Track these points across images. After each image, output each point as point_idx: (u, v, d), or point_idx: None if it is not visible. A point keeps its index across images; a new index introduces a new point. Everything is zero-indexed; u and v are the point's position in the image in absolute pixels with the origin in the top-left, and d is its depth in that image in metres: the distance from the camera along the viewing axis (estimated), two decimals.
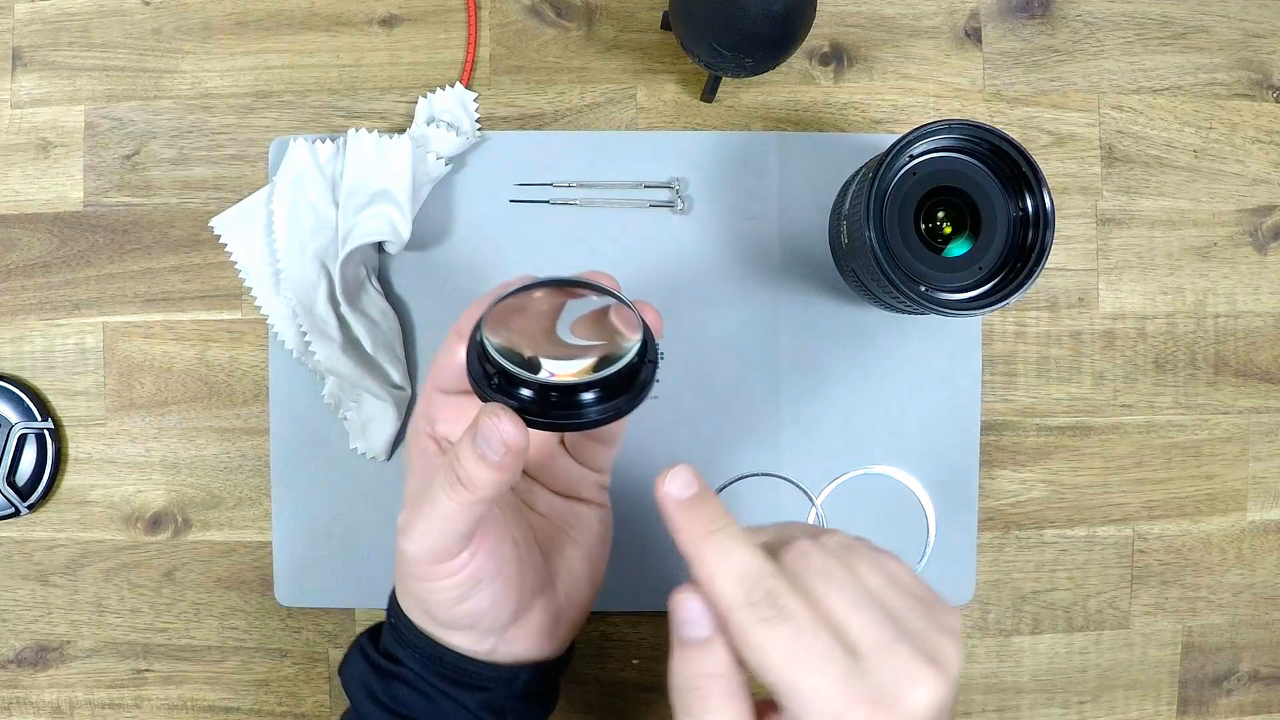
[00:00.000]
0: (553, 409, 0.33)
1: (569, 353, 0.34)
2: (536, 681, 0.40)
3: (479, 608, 0.36)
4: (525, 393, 0.32)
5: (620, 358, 0.33)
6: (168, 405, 0.54)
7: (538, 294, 0.35)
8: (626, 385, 0.34)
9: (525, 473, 0.41)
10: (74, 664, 0.55)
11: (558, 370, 0.33)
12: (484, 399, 0.33)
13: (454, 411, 0.38)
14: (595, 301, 0.36)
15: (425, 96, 0.53)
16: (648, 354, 0.34)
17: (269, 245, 0.52)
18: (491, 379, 0.33)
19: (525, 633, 0.39)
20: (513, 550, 0.37)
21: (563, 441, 0.42)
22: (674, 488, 0.32)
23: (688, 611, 0.31)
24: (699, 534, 0.31)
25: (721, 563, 0.30)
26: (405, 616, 0.38)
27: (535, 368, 0.33)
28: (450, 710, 0.38)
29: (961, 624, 0.32)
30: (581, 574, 0.41)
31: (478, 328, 0.33)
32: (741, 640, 0.29)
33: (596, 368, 0.33)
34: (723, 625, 0.30)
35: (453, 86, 0.53)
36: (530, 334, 0.34)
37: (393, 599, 0.40)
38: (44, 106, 0.55)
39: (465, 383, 0.35)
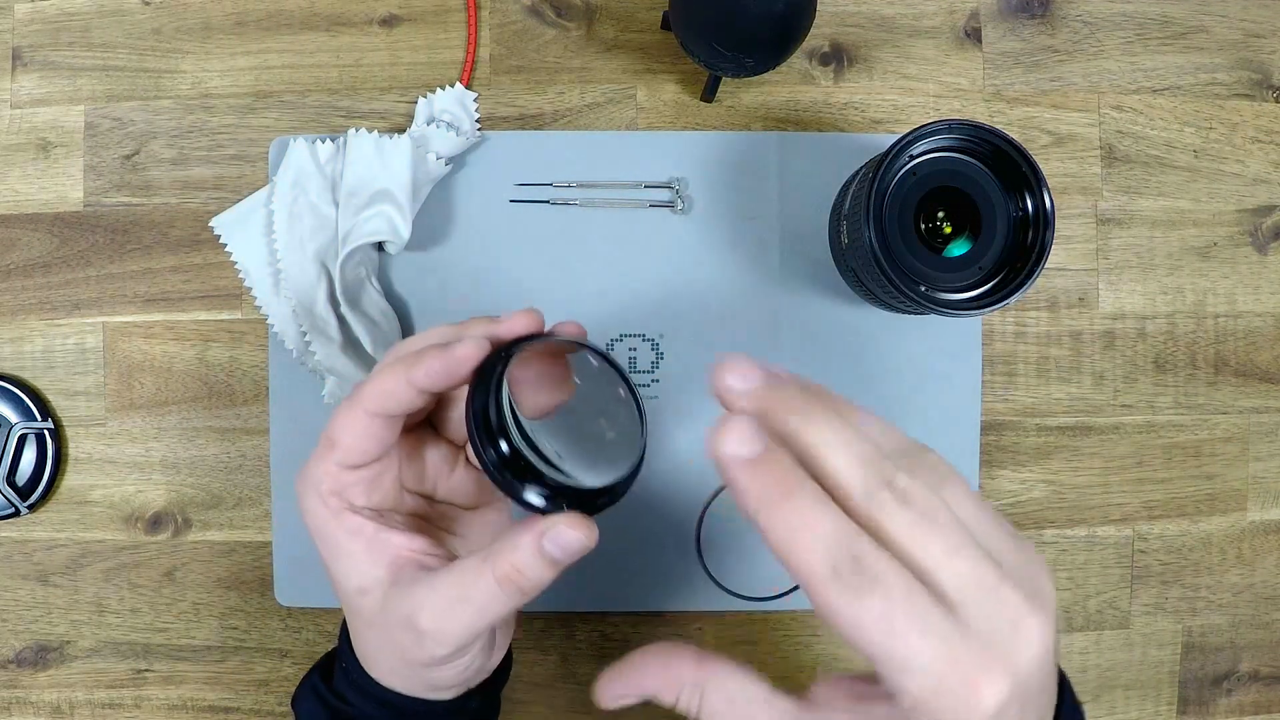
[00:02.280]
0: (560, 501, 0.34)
1: (584, 448, 0.35)
2: (485, 700, 0.40)
3: (478, 670, 0.37)
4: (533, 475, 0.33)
5: (632, 459, 0.34)
6: (168, 405, 0.54)
7: (531, 360, 0.35)
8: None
9: (435, 499, 0.40)
10: (74, 664, 0.55)
11: (585, 479, 0.34)
12: (504, 485, 0.33)
13: (366, 484, 0.35)
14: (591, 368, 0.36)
15: (425, 96, 0.53)
16: (645, 432, 0.35)
17: (269, 245, 0.52)
18: (505, 457, 0.33)
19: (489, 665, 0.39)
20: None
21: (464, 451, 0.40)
22: (734, 446, 0.27)
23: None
24: (771, 500, 0.26)
25: (801, 534, 0.26)
26: (361, 667, 0.37)
27: (557, 468, 0.34)
28: None
29: None
30: None
31: (497, 400, 0.33)
32: (831, 614, 0.26)
33: (608, 462, 0.35)
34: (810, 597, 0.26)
35: (453, 86, 0.53)
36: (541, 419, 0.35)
37: (345, 641, 0.39)
38: (44, 106, 0.55)
39: (376, 455, 0.35)
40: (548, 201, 0.53)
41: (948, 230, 0.46)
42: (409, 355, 0.34)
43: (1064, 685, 0.30)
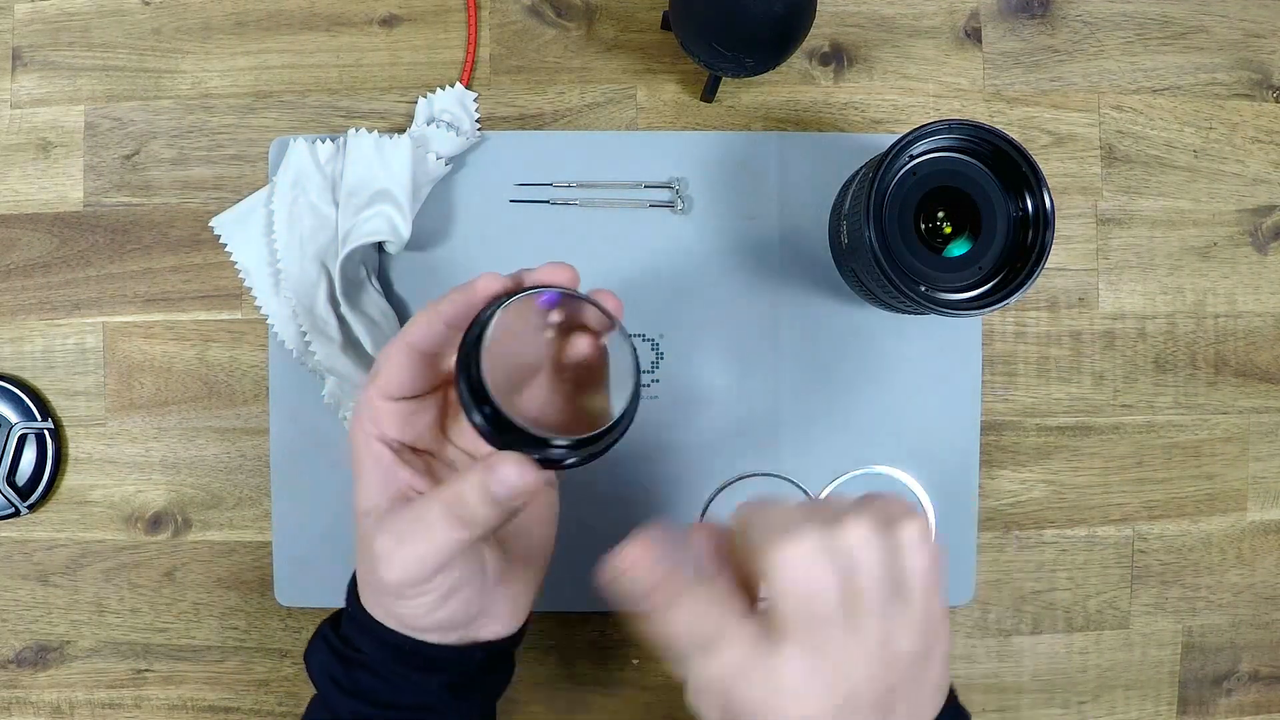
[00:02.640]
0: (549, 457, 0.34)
1: (565, 404, 0.36)
2: (493, 657, 0.41)
3: (451, 616, 0.37)
4: (519, 434, 0.33)
5: (615, 412, 0.35)
6: (168, 405, 0.54)
7: (523, 314, 0.36)
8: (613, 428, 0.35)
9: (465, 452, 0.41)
10: (74, 664, 0.55)
11: (561, 431, 0.34)
12: (497, 444, 0.34)
13: (400, 418, 0.38)
14: (588, 323, 0.37)
15: (425, 96, 0.53)
16: (638, 395, 0.36)
17: (269, 245, 0.52)
18: (489, 418, 0.33)
19: (490, 620, 0.40)
20: (481, 553, 0.38)
21: None
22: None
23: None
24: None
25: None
26: (364, 609, 0.39)
27: (538, 425, 0.34)
28: (412, 693, 0.39)
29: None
30: (536, 554, 0.41)
31: (475, 361, 0.33)
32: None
33: (591, 420, 0.35)
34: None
35: (453, 86, 0.53)
36: (525, 377, 0.36)
37: (352, 588, 0.40)
38: (44, 106, 0.55)
39: (412, 389, 0.37)
40: (548, 201, 0.53)
41: (948, 230, 0.46)
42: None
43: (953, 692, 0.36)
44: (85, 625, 0.55)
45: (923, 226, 0.45)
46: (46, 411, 0.54)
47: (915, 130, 0.43)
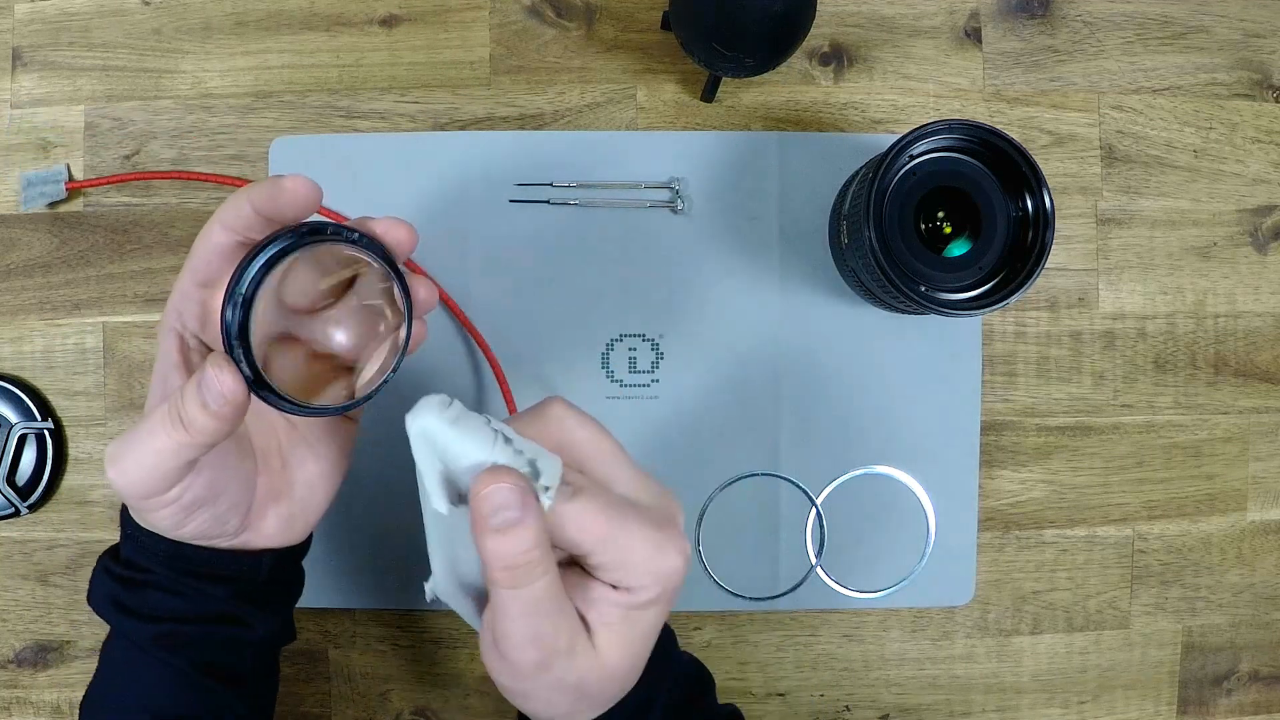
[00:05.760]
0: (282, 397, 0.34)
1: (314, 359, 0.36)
2: (279, 567, 0.41)
3: (199, 528, 0.37)
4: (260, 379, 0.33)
5: (374, 377, 0.35)
6: None
7: (307, 257, 0.35)
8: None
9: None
10: (74, 664, 0.55)
11: (293, 386, 0.34)
12: (249, 380, 0.33)
13: (205, 309, 0.36)
14: (367, 278, 0.36)
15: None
16: (385, 383, 0.36)
17: None
18: (236, 347, 0.33)
19: (257, 535, 0.39)
20: (236, 471, 0.37)
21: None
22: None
23: (501, 498, 0.30)
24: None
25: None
26: (139, 525, 0.38)
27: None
28: (202, 604, 0.38)
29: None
30: (318, 485, 0.41)
31: (242, 288, 0.32)
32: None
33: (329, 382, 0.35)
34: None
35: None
36: (295, 319, 0.36)
37: (125, 510, 0.40)
38: (44, 106, 0.55)
39: (214, 273, 0.35)
40: (548, 201, 0.53)
41: (948, 230, 0.46)
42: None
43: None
44: (85, 625, 0.55)
45: (923, 226, 0.45)
46: (46, 411, 0.54)
47: (915, 130, 0.43)
